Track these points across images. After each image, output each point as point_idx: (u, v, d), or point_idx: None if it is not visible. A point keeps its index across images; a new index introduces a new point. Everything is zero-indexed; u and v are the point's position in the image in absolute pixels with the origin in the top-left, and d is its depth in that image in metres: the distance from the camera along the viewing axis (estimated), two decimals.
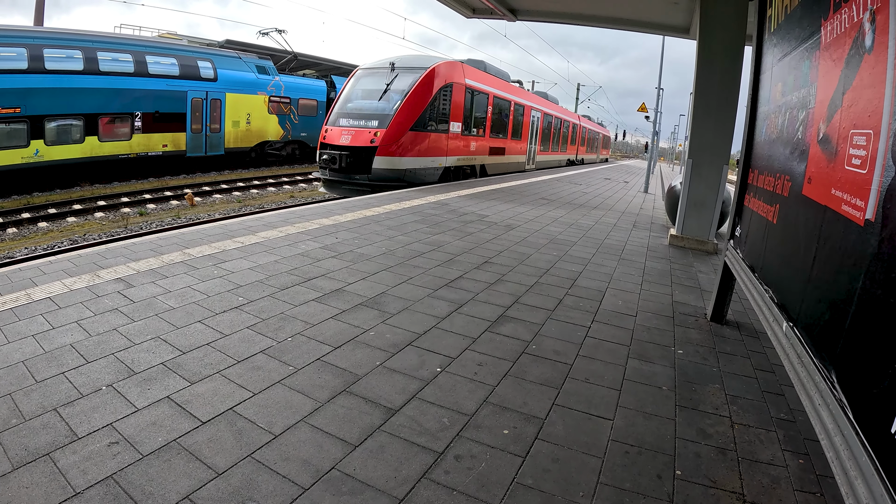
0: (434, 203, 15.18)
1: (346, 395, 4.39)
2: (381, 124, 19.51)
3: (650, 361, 5.50)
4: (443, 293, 7.12)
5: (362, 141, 19.38)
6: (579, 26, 17.41)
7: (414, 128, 20.06)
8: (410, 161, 20.33)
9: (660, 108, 33.41)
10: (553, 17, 16.94)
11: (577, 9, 15.83)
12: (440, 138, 21.84)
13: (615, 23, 16.29)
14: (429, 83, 20.62)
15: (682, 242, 11.96)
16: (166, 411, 4.04)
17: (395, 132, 19.44)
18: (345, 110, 20.84)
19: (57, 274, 7.07)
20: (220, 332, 5.48)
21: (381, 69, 21.65)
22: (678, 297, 7.88)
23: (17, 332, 5.30)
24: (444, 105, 21.78)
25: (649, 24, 15.94)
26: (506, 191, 19.89)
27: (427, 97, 20.49)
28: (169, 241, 8.90)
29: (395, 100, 20.19)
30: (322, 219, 11.62)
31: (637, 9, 14.60)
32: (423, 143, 20.81)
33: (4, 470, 3.32)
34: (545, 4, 15.94)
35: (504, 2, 15.67)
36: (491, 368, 5.06)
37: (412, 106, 20.06)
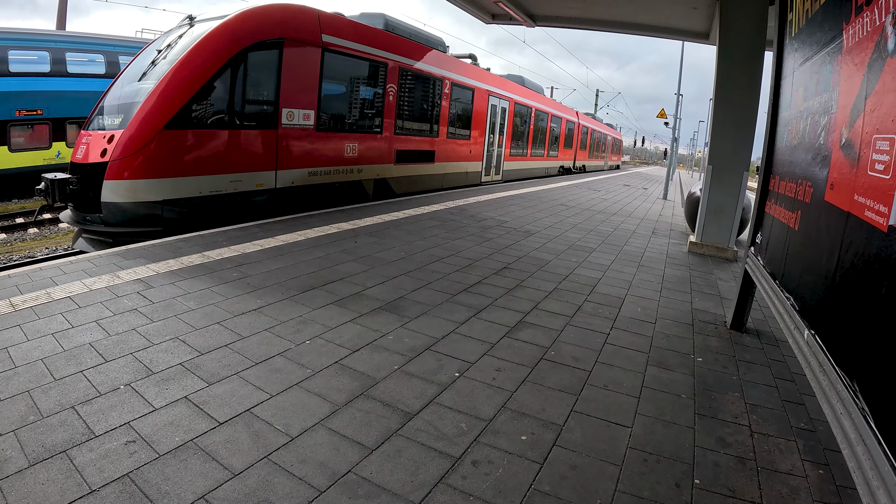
0: (453, 208, 15.18)
1: (363, 399, 4.39)
2: (122, 122, 10.95)
3: (669, 369, 5.47)
4: (462, 298, 7.11)
5: (93, 155, 10.84)
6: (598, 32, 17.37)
7: (179, 123, 10.94)
8: (178, 185, 11.12)
9: (679, 115, 32.81)
10: (572, 22, 16.88)
11: (597, 14, 15.79)
12: (254, 139, 12.44)
13: (634, 28, 16.25)
14: (220, 42, 11.61)
15: (702, 249, 11.89)
16: (184, 411, 4.05)
17: (139, 134, 10.59)
18: (103, 103, 12.20)
19: (77, 274, 7.12)
20: (238, 334, 5.51)
21: (179, 29, 12.95)
22: (698, 304, 7.84)
23: (37, 331, 5.35)
24: (259, 78, 12.48)
25: (668, 29, 15.85)
26: (524, 197, 19.81)
27: (214, 66, 11.37)
28: (189, 244, 8.93)
29: (158, 77, 11.28)
30: (342, 223, 11.62)
31: (656, 14, 14.54)
32: (204, 148, 11.53)
33: (21, 466, 3.34)
34: (564, 10, 15.90)
35: (523, 7, 15.65)
36: (509, 374, 5.04)
37: (179, 84, 11.01)
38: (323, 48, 13.90)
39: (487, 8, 16.30)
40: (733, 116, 11.07)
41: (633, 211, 19.12)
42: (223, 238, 9.48)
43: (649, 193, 28.97)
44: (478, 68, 23.76)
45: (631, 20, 15.77)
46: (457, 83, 21.15)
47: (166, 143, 10.76)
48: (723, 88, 11.12)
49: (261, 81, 12.58)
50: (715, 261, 11.26)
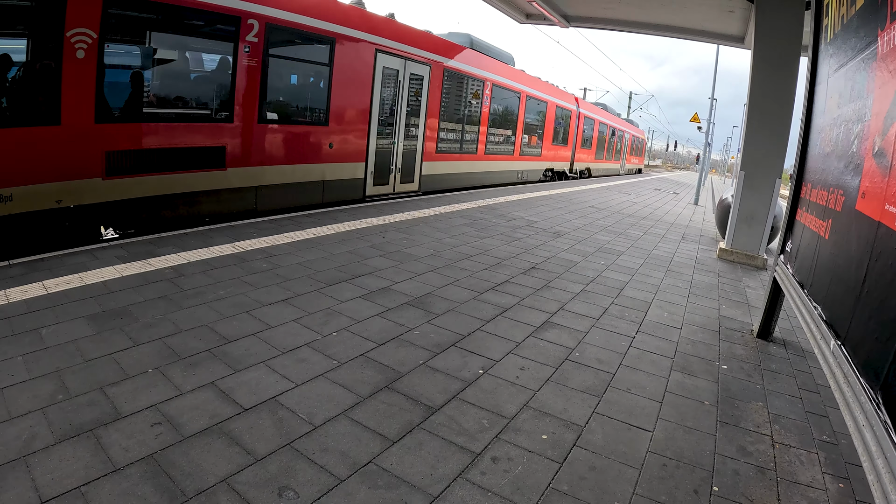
0: (483, 207, 15.21)
1: (387, 392, 4.43)
2: None
3: (693, 375, 5.45)
4: (489, 296, 7.13)
5: None
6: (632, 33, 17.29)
7: None
8: None
9: (713, 119, 32.06)
10: (607, 23, 16.81)
11: (632, 16, 15.72)
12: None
13: (669, 30, 16.14)
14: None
15: (732, 256, 11.80)
16: (210, 396, 4.12)
17: None
18: None
19: (110, 259, 7.21)
20: (265, 324, 5.57)
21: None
22: (725, 311, 7.79)
23: (69, 314, 5.45)
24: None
25: (703, 32, 15.74)
26: (555, 198, 19.77)
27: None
28: (221, 234, 9.02)
29: None
30: (372, 218, 11.70)
31: (691, 16, 14.44)
32: None
33: (48, 443, 3.42)
34: (599, 11, 15.84)
35: (557, 7, 15.62)
36: (533, 373, 5.05)
37: None
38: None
39: (522, 7, 16.29)
40: (767, 122, 10.96)
41: (664, 215, 19.02)
42: (253, 229, 9.56)
43: (680, 198, 28.75)
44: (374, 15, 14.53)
45: (665, 22, 15.69)
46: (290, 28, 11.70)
47: None
48: (757, 93, 11.01)
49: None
50: (744, 268, 11.18)
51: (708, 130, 31.31)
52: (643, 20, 15.95)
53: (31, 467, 3.19)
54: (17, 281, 6.27)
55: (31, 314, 5.39)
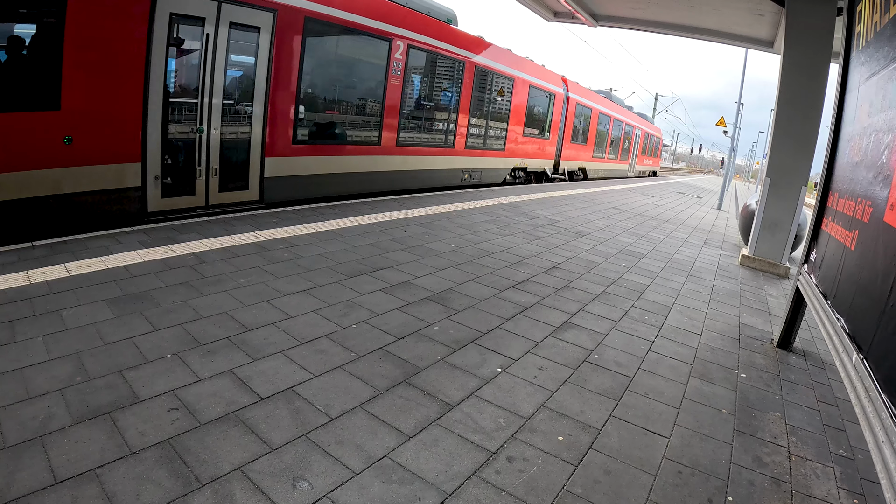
0: (506, 204, 15.18)
1: (405, 386, 4.43)
2: None
3: (712, 382, 5.40)
4: (509, 294, 7.11)
5: None
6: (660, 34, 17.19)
7: None
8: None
9: (738, 123, 31.53)
10: (635, 23, 16.68)
11: (661, 17, 15.60)
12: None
13: (698, 32, 15.99)
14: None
15: (754, 263, 11.69)
16: (227, 384, 4.14)
17: None
18: None
19: (132, 244, 7.26)
20: (285, 314, 5.59)
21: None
22: (745, 319, 7.73)
23: (90, 297, 5.50)
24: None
25: (732, 35, 15.57)
26: (578, 198, 19.67)
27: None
28: (243, 222, 9.05)
29: None
30: (394, 211, 11.71)
31: (721, 19, 14.29)
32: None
33: (65, 423, 3.46)
34: (628, 11, 15.73)
35: (586, 6, 15.54)
36: (551, 373, 5.03)
37: None
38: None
39: (550, 5, 16.22)
40: (794, 128, 10.83)
41: (687, 219, 18.93)
42: (275, 219, 9.60)
43: (704, 202, 28.59)
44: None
45: (694, 24, 15.53)
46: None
47: None
48: (785, 99, 10.88)
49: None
50: (766, 276, 11.09)
51: (734, 135, 30.86)
52: (672, 21, 15.82)
53: (46, 447, 3.22)
54: (40, 262, 6.33)
55: (52, 296, 5.44)
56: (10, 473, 3.00)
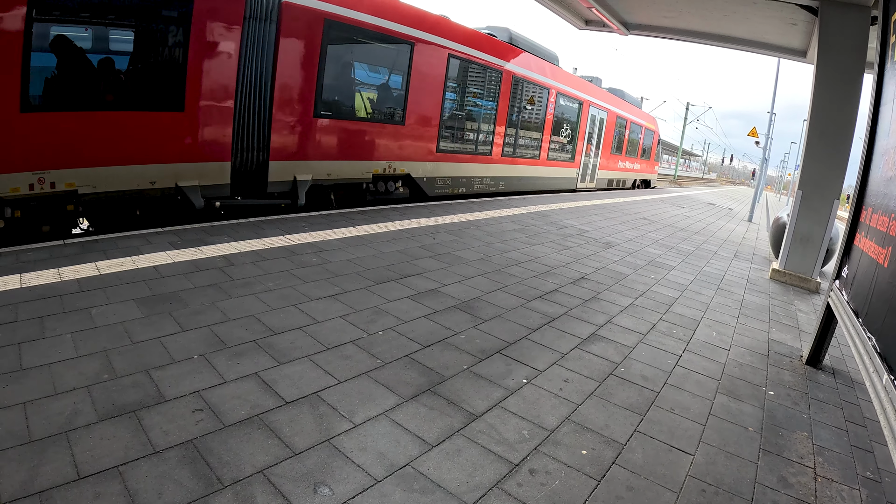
0: (534, 213, 15.14)
1: (429, 395, 4.42)
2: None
3: (739, 399, 5.32)
4: (536, 305, 7.07)
5: None
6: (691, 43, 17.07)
7: None
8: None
9: (770, 134, 30.89)
10: (667, 32, 16.55)
11: (692, 25, 15.46)
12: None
13: (729, 41, 15.84)
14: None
15: (784, 278, 11.52)
16: (252, 387, 4.15)
17: None
18: None
19: (162, 245, 7.33)
20: (312, 318, 5.60)
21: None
22: (775, 335, 7.62)
23: (120, 295, 5.57)
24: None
25: (765, 44, 15.40)
26: (608, 207, 19.57)
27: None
28: (272, 226, 9.10)
29: None
30: (423, 218, 11.73)
31: (753, 28, 14.15)
32: None
33: (90, 420, 3.50)
34: (659, 19, 15.63)
35: (617, 14, 15.47)
36: (577, 386, 4.99)
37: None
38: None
39: (581, 13, 16.15)
40: (827, 140, 10.62)
41: (717, 231, 18.73)
42: (304, 223, 9.65)
43: (734, 214, 28.33)
44: None
45: (726, 33, 15.40)
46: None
47: None
48: (818, 110, 10.69)
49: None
50: (796, 290, 10.93)
51: (766, 146, 30.36)
52: (704, 30, 15.68)
53: (71, 443, 3.26)
54: (71, 260, 6.41)
55: (82, 293, 5.51)
56: (35, 467, 3.03)
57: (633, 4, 14.70)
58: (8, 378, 3.93)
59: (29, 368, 4.07)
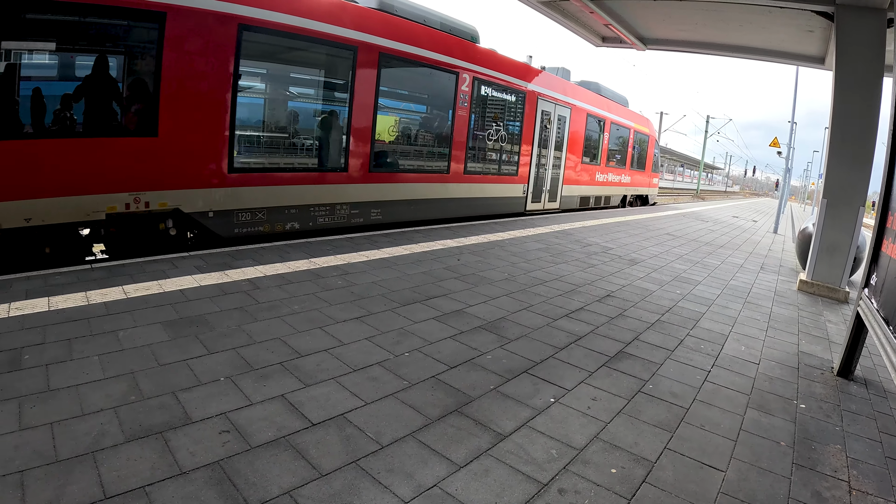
0: (558, 232, 15.13)
1: (456, 415, 4.39)
2: None
3: (770, 413, 5.24)
4: (562, 323, 7.04)
5: None
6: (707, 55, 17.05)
7: None
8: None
9: (792, 144, 30.31)
10: (683, 45, 16.63)
11: (709, 37, 15.53)
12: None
13: (746, 52, 15.88)
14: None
15: (812, 289, 11.37)
16: (279, 409, 4.16)
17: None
18: None
19: (188, 269, 7.40)
20: (338, 340, 5.61)
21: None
22: (804, 347, 7.52)
23: (146, 319, 5.64)
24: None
25: (782, 53, 15.37)
26: (631, 224, 19.50)
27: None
28: (297, 249, 9.14)
29: None
30: (447, 240, 11.77)
31: (769, 37, 14.15)
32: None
33: (117, 441, 3.53)
34: (676, 33, 15.69)
35: (634, 30, 15.54)
36: (605, 404, 4.94)
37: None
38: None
39: (598, 31, 16.24)
40: (850, 147, 10.54)
41: (742, 244, 18.61)
42: (329, 246, 9.70)
43: (759, 226, 28.11)
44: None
45: (743, 43, 15.45)
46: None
47: None
48: (839, 117, 10.59)
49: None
50: (825, 301, 10.80)
51: (788, 156, 29.98)
52: (721, 42, 15.74)
53: (98, 463, 3.28)
54: (98, 284, 6.48)
55: (109, 316, 5.57)
56: (61, 486, 3.05)
57: (649, 19, 14.77)
58: (36, 399, 3.99)
59: (56, 389, 4.13)
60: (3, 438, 3.48)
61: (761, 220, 33.96)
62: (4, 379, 4.26)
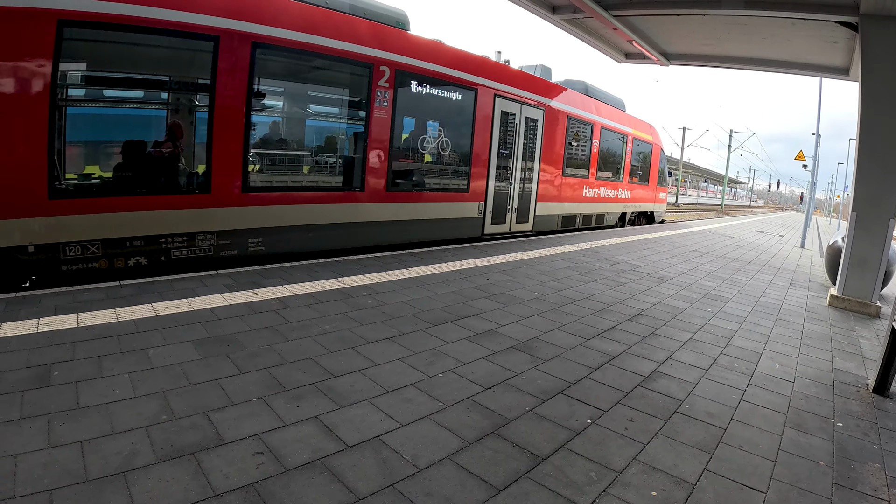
0: (585, 250, 15.06)
1: (493, 438, 4.33)
2: None
3: (807, 433, 5.14)
4: (595, 343, 6.96)
5: None
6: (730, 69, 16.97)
7: None
8: None
9: (817, 156, 29.92)
10: (707, 60, 16.57)
11: (732, 51, 15.50)
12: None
13: (769, 65, 15.78)
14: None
15: (843, 304, 11.18)
16: (313, 430, 4.12)
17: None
18: None
19: (217, 287, 7.42)
20: (371, 361, 5.58)
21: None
22: (838, 363, 7.40)
23: (176, 337, 5.66)
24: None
25: (805, 65, 15.24)
26: (658, 241, 19.41)
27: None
28: (325, 268, 9.14)
29: None
30: (475, 258, 11.75)
31: (793, 49, 14.07)
32: None
33: (148, 461, 3.50)
34: (699, 48, 15.63)
35: (657, 46, 15.49)
36: (642, 425, 4.86)
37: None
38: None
39: (621, 47, 16.22)
40: (879, 159, 10.38)
41: (770, 259, 18.50)
42: (358, 266, 9.71)
43: (785, 240, 27.93)
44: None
45: (767, 56, 15.40)
46: None
47: None
48: (867, 128, 10.44)
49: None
50: (857, 316, 10.64)
51: (813, 169, 29.58)
52: (744, 55, 15.72)
53: (129, 483, 3.27)
54: (127, 301, 6.52)
55: (139, 334, 5.59)
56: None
57: (673, 34, 14.74)
58: (65, 416, 3.99)
59: (86, 407, 4.13)
60: (32, 456, 3.48)
61: (787, 234, 33.86)
62: (34, 395, 4.28)
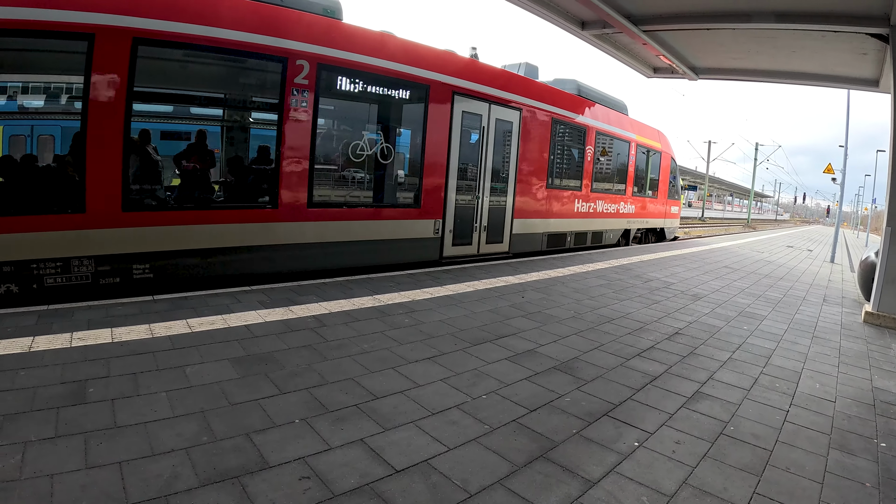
0: (617, 267, 14.99)
1: (542, 461, 4.25)
2: None
3: (852, 454, 5.04)
4: (635, 363, 6.88)
5: None
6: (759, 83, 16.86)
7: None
8: None
9: (844, 169, 29.24)
10: (735, 73, 16.57)
11: (761, 64, 15.43)
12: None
13: (798, 78, 15.68)
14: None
15: (879, 321, 10.95)
16: (359, 454, 4.05)
17: None
18: None
19: (251, 304, 7.40)
20: (413, 382, 5.53)
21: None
22: (878, 382, 7.27)
23: (213, 354, 5.64)
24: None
25: (834, 77, 15.16)
26: (688, 257, 19.28)
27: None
28: (359, 285, 9.11)
29: None
30: (509, 276, 11.72)
31: (823, 62, 13.98)
32: None
33: (191, 485, 3.44)
34: (728, 61, 15.58)
35: (685, 60, 15.42)
36: (689, 447, 4.77)
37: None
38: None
39: (649, 62, 16.18)
40: None
41: (801, 275, 18.33)
42: (392, 283, 9.69)
43: (815, 255, 27.70)
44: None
45: (796, 69, 15.33)
46: None
47: None
48: None
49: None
50: (892, 333, 10.45)
51: (842, 182, 29.00)
52: (773, 68, 15.66)
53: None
54: (161, 317, 6.52)
55: (175, 351, 5.59)
56: None
57: (701, 49, 14.70)
58: (102, 435, 3.96)
59: (124, 426, 4.09)
60: (69, 476, 3.44)
61: (816, 248, 33.58)
62: (69, 412, 4.26)
